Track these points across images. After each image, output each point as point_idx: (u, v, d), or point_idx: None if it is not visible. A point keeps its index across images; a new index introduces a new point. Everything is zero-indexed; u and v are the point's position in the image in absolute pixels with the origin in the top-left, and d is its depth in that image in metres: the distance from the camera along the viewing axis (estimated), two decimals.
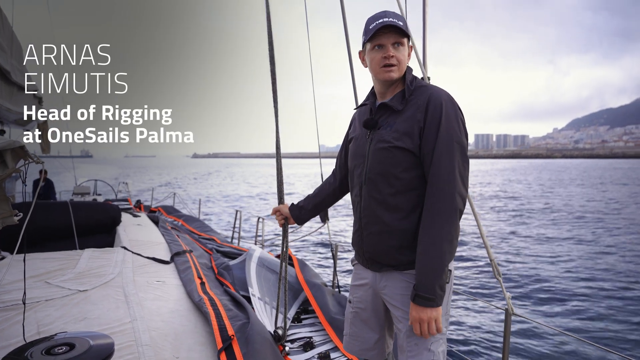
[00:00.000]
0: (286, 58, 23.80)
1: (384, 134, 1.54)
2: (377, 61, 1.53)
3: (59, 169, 10.80)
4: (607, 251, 11.73)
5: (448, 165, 1.42)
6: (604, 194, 30.69)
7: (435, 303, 1.41)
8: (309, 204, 1.98)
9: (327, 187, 1.96)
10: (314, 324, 2.93)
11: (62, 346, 1.38)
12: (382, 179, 1.54)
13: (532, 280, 8.67)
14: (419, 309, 1.42)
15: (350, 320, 1.77)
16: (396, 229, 1.52)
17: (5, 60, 2.67)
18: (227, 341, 2.03)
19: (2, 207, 1.50)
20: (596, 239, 13.69)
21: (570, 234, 14.47)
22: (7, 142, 1.38)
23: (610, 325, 6.41)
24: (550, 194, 30.52)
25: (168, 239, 4.45)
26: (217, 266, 3.72)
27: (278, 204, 2.17)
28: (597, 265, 10.14)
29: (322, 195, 1.97)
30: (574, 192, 32.75)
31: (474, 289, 7.87)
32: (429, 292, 1.40)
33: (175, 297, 2.67)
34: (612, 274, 9.38)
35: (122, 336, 1.96)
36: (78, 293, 2.54)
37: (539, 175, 56.93)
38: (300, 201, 2.01)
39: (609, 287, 8.35)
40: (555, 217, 19.15)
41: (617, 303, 7.40)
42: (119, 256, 3.38)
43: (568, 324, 6.42)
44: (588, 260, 10.71)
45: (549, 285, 8.37)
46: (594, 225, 16.45)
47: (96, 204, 5.23)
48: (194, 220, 7.21)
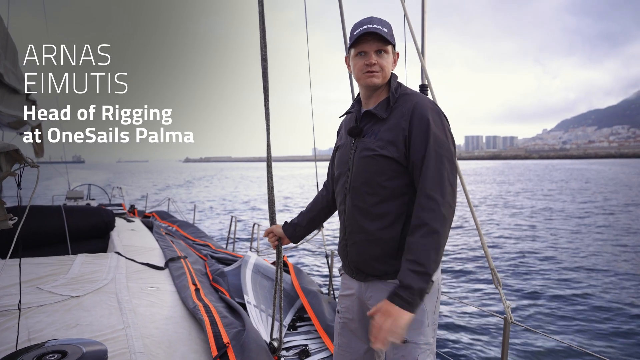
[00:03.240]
0: (277, 62, 23.49)
1: (368, 142, 1.53)
2: (359, 67, 1.53)
3: (52, 174, 10.74)
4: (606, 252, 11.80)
5: (437, 175, 1.40)
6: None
7: (410, 307, 1.33)
8: (303, 220, 1.93)
9: (321, 200, 1.92)
10: (309, 331, 2.89)
11: (53, 354, 1.35)
12: (366, 188, 1.52)
13: (531, 288, 8.68)
14: (391, 305, 1.33)
15: (339, 330, 1.74)
16: (380, 238, 1.50)
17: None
18: (222, 349, 2.00)
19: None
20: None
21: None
22: (1, 145, 1.36)
23: (612, 335, 6.41)
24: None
25: (162, 244, 4.41)
26: (211, 272, 3.68)
27: (270, 224, 2.09)
28: (598, 273, 10.18)
29: (316, 209, 1.92)
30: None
31: (473, 297, 7.86)
32: (409, 296, 1.32)
33: (169, 304, 2.64)
34: (615, 280, 9.43)
35: (115, 343, 1.92)
36: (70, 299, 2.50)
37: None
38: (294, 218, 1.96)
39: (610, 296, 8.38)
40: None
41: (618, 313, 7.41)
42: (113, 262, 3.34)
43: (567, 334, 6.42)
44: (589, 267, 10.78)
45: (548, 293, 8.38)
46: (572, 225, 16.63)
47: (89, 209, 5.18)
48: (188, 226, 7.16)
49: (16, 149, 1.34)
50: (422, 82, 2.44)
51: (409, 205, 1.49)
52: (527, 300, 7.86)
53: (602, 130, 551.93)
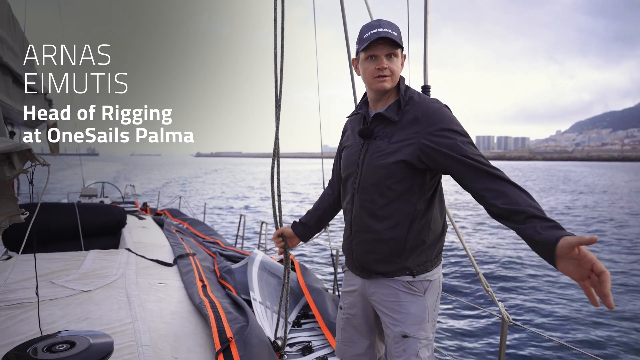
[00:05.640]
0: (288, 59, 23.48)
1: (380, 145, 1.54)
2: (370, 72, 1.54)
3: (67, 166, 11.01)
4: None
5: (477, 159, 1.39)
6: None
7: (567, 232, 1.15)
8: (311, 219, 1.96)
9: (327, 199, 1.95)
10: (313, 328, 2.94)
11: (62, 344, 1.41)
12: (375, 189, 1.55)
13: (527, 288, 8.63)
14: (571, 238, 1.10)
15: (342, 326, 1.79)
16: (386, 238, 1.53)
17: (16, 63, 2.73)
18: (225, 343, 2.06)
19: (10, 205, 1.55)
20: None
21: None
22: (15, 144, 1.43)
23: (608, 335, 6.36)
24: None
25: (172, 241, 4.49)
26: (219, 269, 3.75)
27: (276, 228, 2.11)
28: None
29: (322, 208, 1.96)
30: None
31: (470, 296, 7.83)
32: (566, 233, 1.14)
33: (176, 299, 2.71)
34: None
35: (123, 336, 1.99)
36: (81, 293, 2.58)
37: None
38: (302, 217, 1.99)
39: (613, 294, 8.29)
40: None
41: (614, 311, 7.34)
42: (123, 258, 3.42)
43: (564, 333, 6.37)
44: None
45: (545, 293, 8.32)
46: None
47: (102, 206, 5.30)
48: (198, 224, 7.26)
49: (29, 149, 1.41)
50: (425, 84, 2.47)
51: (415, 206, 1.52)
52: (524, 300, 7.81)
53: (617, 133, 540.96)
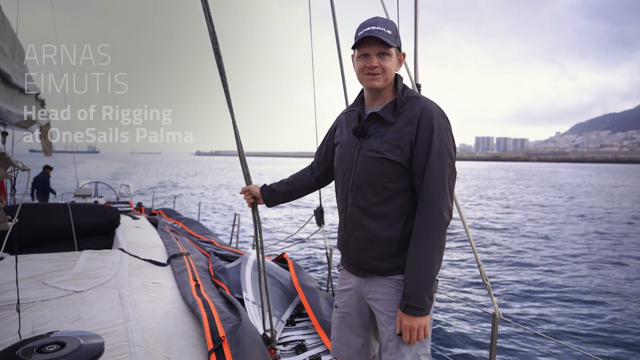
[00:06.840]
0: (285, 61, 23.10)
1: (374, 144, 1.54)
2: (360, 69, 1.54)
3: (68, 163, 11.03)
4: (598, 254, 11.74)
5: (439, 181, 1.45)
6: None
7: (424, 312, 1.46)
8: (282, 188, 1.96)
9: (303, 178, 1.95)
10: (307, 327, 2.95)
11: (53, 345, 1.41)
12: (368, 188, 1.55)
13: (519, 284, 8.70)
14: (409, 318, 1.46)
15: (337, 325, 1.79)
16: (381, 237, 1.53)
17: (6, 63, 2.72)
18: (218, 343, 2.06)
19: None
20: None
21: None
22: None
23: (598, 330, 6.42)
24: None
25: (166, 241, 4.48)
26: (213, 269, 3.75)
27: (246, 184, 2.14)
28: (584, 268, 10.15)
29: (296, 184, 1.96)
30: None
31: (462, 293, 7.88)
32: (419, 302, 1.45)
33: (169, 299, 2.70)
34: (601, 277, 9.41)
35: (115, 337, 1.99)
36: (74, 294, 2.57)
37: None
38: (273, 184, 1.99)
39: (597, 291, 8.39)
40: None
41: (603, 308, 7.42)
42: (116, 258, 3.41)
43: (555, 329, 6.43)
44: (576, 262, 10.78)
45: (535, 289, 8.40)
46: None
47: (95, 207, 5.27)
48: (193, 223, 7.25)
49: (2, 152, 1.39)
50: (416, 82, 2.47)
51: (409, 205, 1.52)
52: (515, 297, 7.88)
53: (616, 135, 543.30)
